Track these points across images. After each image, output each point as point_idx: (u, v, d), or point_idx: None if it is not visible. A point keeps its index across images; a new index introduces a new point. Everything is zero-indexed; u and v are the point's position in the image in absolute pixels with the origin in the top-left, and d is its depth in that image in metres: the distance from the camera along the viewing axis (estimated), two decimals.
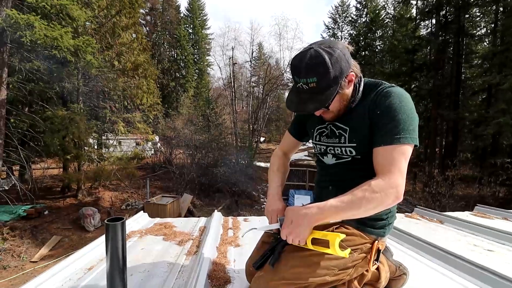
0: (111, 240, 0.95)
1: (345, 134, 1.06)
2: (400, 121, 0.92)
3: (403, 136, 0.91)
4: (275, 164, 1.35)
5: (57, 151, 9.83)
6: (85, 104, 11.38)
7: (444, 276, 1.39)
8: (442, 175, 11.68)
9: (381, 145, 0.94)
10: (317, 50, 0.92)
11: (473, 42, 17.32)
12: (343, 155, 1.08)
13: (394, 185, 0.89)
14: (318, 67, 0.91)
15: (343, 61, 0.93)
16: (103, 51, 11.33)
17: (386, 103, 0.95)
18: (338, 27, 27.91)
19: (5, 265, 6.69)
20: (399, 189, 0.89)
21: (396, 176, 0.89)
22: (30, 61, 8.93)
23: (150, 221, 2.34)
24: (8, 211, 8.64)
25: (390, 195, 0.89)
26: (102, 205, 11.26)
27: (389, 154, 0.92)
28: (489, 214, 2.77)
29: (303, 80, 0.94)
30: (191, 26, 33.78)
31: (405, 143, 0.91)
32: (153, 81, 13.86)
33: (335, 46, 0.94)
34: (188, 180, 14.00)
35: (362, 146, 1.03)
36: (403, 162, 0.91)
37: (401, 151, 0.91)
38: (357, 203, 0.89)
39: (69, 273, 1.39)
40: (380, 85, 1.02)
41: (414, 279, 1.31)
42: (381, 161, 0.94)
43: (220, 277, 1.29)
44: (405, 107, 0.94)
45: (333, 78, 0.92)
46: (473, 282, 1.32)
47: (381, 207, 0.91)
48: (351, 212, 0.91)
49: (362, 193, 0.90)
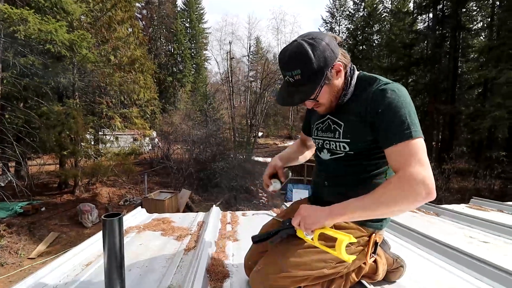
0: (108, 236, 0.95)
1: (340, 129, 1.06)
2: (404, 116, 0.89)
3: (412, 130, 0.87)
4: (293, 144, 1.52)
5: (53, 147, 9.77)
6: (81, 99, 11.27)
7: (441, 268, 1.41)
8: (438, 169, 11.76)
9: (393, 144, 0.89)
10: (300, 42, 0.92)
11: (470, 36, 17.31)
12: (337, 150, 1.08)
13: (418, 177, 0.82)
14: (300, 58, 0.91)
15: (327, 51, 0.92)
16: (99, 45, 11.20)
17: (386, 101, 0.92)
18: (336, 21, 27.77)
19: (2, 262, 6.68)
20: (426, 181, 0.82)
21: (417, 167, 0.83)
22: (25, 55, 8.80)
23: (148, 217, 2.34)
24: (4, 208, 8.60)
25: (417, 188, 0.82)
26: (100, 201, 11.24)
27: (404, 150, 0.87)
28: (485, 207, 2.79)
29: (288, 73, 0.95)
30: (188, 20, 33.46)
31: (417, 137, 0.87)
32: (150, 76, 13.74)
33: (319, 37, 0.93)
34: (186, 175, 13.99)
35: (356, 143, 1.02)
36: (422, 154, 0.86)
37: (416, 144, 0.87)
38: (380, 201, 0.87)
39: (67, 269, 1.38)
40: (376, 81, 0.99)
41: (412, 271, 1.32)
42: (398, 159, 0.89)
43: (218, 271, 1.29)
44: (405, 102, 0.92)
45: (317, 68, 0.92)
46: (470, 274, 1.33)
47: (409, 203, 0.84)
48: (376, 212, 0.88)
49: (383, 190, 0.88)
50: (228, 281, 1.25)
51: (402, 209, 0.86)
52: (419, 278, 1.28)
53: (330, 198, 1.12)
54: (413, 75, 19.03)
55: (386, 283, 1.23)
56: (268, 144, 29.59)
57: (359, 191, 1.03)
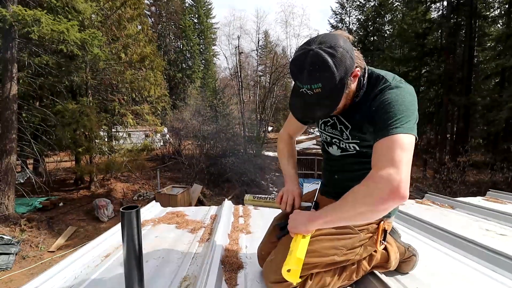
0: (126, 227, 0.98)
1: (346, 131, 1.05)
2: (394, 113, 0.86)
3: (398, 126, 0.84)
4: (285, 150, 1.35)
5: (69, 144, 10.04)
6: (94, 97, 11.51)
7: (455, 260, 1.39)
8: (453, 162, 11.49)
9: (376, 140, 0.87)
10: (318, 52, 0.83)
11: (486, 24, 16.62)
12: (348, 149, 1.09)
13: (383, 176, 0.78)
14: (322, 72, 0.83)
15: (347, 59, 0.85)
16: (109, 43, 11.36)
17: (382, 99, 0.91)
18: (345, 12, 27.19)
19: (24, 255, 6.97)
20: (390, 180, 0.77)
21: (384, 167, 0.80)
22: (39, 55, 9.03)
23: (162, 210, 2.40)
24: (24, 204, 8.94)
25: (378, 187, 0.79)
26: (115, 196, 11.53)
27: (382, 147, 0.84)
28: (502, 199, 2.73)
29: (306, 86, 0.87)
30: (196, 16, 33.42)
31: (398, 133, 0.83)
32: (160, 72, 13.87)
33: (337, 43, 0.85)
34: (197, 170, 14.15)
35: (365, 143, 1.03)
36: (397, 152, 0.80)
37: (394, 141, 0.82)
38: (347, 201, 0.87)
39: (87, 260, 1.44)
40: (382, 80, 0.96)
41: (426, 263, 1.32)
42: (374, 156, 0.87)
43: (232, 262, 1.32)
44: (403, 100, 0.89)
45: (339, 80, 0.85)
46: (486, 266, 1.32)
47: (374, 202, 0.80)
48: (345, 213, 0.87)
49: (351, 190, 0.88)
50: (242, 271, 1.27)
51: (370, 210, 0.82)
52: (434, 270, 1.28)
53: (341, 189, 1.13)
54: (427, 66, 18.48)
55: (400, 274, 1.23)
56: None
57: None
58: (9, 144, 8.06)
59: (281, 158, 1.36)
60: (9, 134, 8.06)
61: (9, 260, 6.47)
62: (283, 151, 1.35)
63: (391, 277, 1.18)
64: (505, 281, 1.19)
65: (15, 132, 8.21)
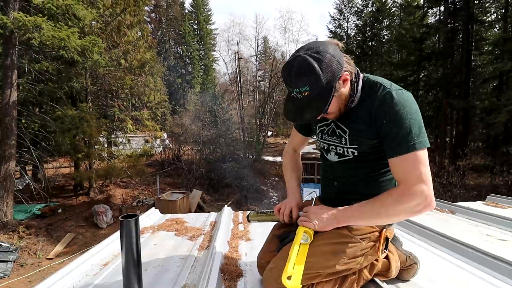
0: (125, 236, 0.98)
1: (345, 136, 1.06)
2: (409, 127, 0.91)
3: (416, 142, 0.90)
4: (289, 165, 1.41)
5: (68, 150, 10.04)
6: (94, 103, 11.55)
7: (456, 266, 1.38)
8: (453, 165, 11.48)
9: (397, 155, 0.93)
10: (305, 57, 0.89)
11: (483, 28, 16.79)
12: (345, 154, 1.09)
13: (417, 192, 0.89)
14: (308, 75, 0.88)
15: (334, 63, 0.90)
16: (109, 50, 11.43)
17: (392, 111, 0.93)
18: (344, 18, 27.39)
19: (22, 263, 6.92)
20: (424, 196, 0.89)
21: (416, 183, 0.89)
22: (39, 62, 9.08)
23: (161, 217, 2.39)
24: (23, 210, 8.90)
25: (414, 202, 0.89)
26: (114, 202, 11.48)
27: (406, 162, 0.91)
28: (502, 204, 2.72)
29: (295, 90, 0.92)
30: (195, 22, 33.70)
31: (419, 149, 0.90)
32: (160, 78, 13.96)
33: (324, 49, 0.90)
34: (197, 175, 14.13)
35: (364, 147, 1.04)
36: (422, 168, 0.90)
37: (418, 157, 0.90)
38: (380, 212, 0.94)
39: (85, 269, 1.43)
40: (380, 87, 0.98)
41: (426, 270, 1.31)
42: (399, 171, 0.94)
43: (232, 270, 1.31)
44: (411, 111, 0.92)
45: (326, 83, 0.90)
46: (486, 272, 1.31)
47: (406, 215, 0.93)
48: (376, 221, 0.98)
49: (382, 201, 0.94)
50: (242, 280, 1.26)
51: (401, 219, 0.97)
52: (434, 277, 1.27)
53: (340, 196, 1.14)
54: (425, 70, 18.60)
55: (400, 281, 1.22)
56: (278, 143, 29.54)
57: (368, 189, 1.06)
58: (8, 150, 8.05)
59: (285, 172, 1.41)
60: (9, 140, 8.06)
61: (7, 268, 6.41)
62: (287, 165, 1.41)
63: (391, 285, 1.17)
64: (506, 287, 1.19)
65: (14, 138, 8.21)
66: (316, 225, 1.01)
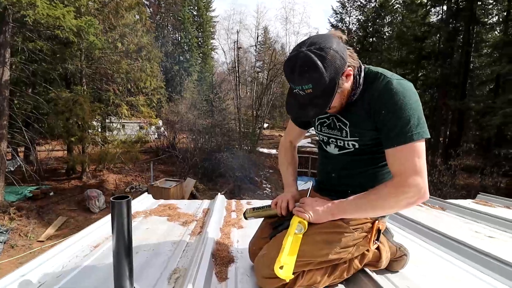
0: (117, 217, 0.96)
1: (346, 128, 1.05)
2: (408, 117, 0.89)
3: (414, 132, 0.89)
4: (285, 158, 1.39)
5: (61, 133, 9.92)
6: (89, 86, 11.34)
7: (445, 261, 1.41)
8: (445, 165, 11.64)
9: (393, 146, 0.92)
10: (308, 54, 0.86)
11: (484, 30, 16.79)
12: (346, 147, 1.09)
13: (411, 185, 0.89)
14: (311, 73, 0.86)
15: (337, 59, 0.88)
16: (106, 32, 11.17)
17: (391, 101, 0.91)
18: (346, 12, 27.14)
19: (12, 244, 6.89)
20: (418, 188, 0.89)
21: (410, 175, 0.89)
22: (33, 41, 8.85)
23: (154, 202, 2.37)
24: (14, 192, 8.81)
25: (408, 194, 0.90)
26: (107, 187, 11.43)
27: (402, 154, 0.91)
28: (491, 202, 2.77)
29: (298, 87, 0.91)
30: (195, 8, 33.03)
31: (416, 140, 0.89)
32: (157, 64, 13.73)
33: (327, 44, 0.87)
34: (191, 164, 14.11)
35: (365, 140, 1.03)
36: (416, 160, 0.89)
37: (414, 148, 0.89)
38: (375, 205, 0.95)
39: (75, 249, 1.42)
40: (380, 78, 0.97)
41: (416, 263, 1.32)
42: (394, 163, 0.94)
43: (224, 256, 1.31)
44: (410, 101, 0.91)
45: (329, 81, 0.88)
46: (475, 267, 1.33)
47: (400, 206, 0.94)
48: (371, 213, 0.99)
49: (377, 194, 0.94)
50: (233, 265, 1.26)
51: (396, 211, 1.01)
52: (424, 270, 1.29)
53: (339, 187, 1.14)
54: (424, 69, 18.63)
55: (390, 272, 1.23)
56: (274, 135, 29.54)
57: (367, 180, 1.05)
58: (0, 131, 7.91)
59: (281, 165, 1.39)
60: (0, 121, 7.91)
61: None
62: (283, 159, 1.39)
63: (381, 276, 1.18)
64: (494, 282, 1.21)
65: (6, 119, 8.06)
66: (311, 218, 1.01)
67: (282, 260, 0.90)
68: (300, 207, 1.05)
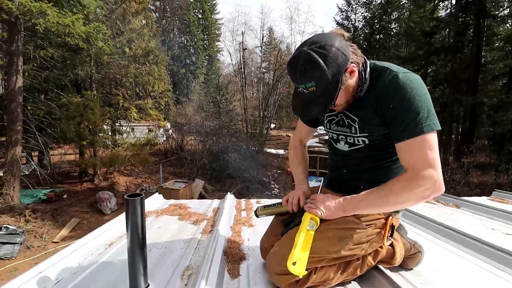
0: (131, 214, 0.98)
1: (355, 125, 1.05)
2: (417, 110, 0.88)
3: (424, 125, 0.88)
4: (295, 156, 1.37)
5: (73, 137, 10.12)
6: (98, 91, 11.54)
7: (460, 258, 1.38)
8: (458, 162, 11.42)
9: (404, 140, 0.91)
10: (309, 53, 0.87)
11: (495, 23, 16.36)
12: (356, 143, 1.08)
13: (425, 177, 0.87)
14: (313, 72, 0.87)
15: (339, 57, 0.88)
16: (114, 37, 11.36)
17: (399, 94, 0.91)
18: (352, 9, 26.89)
19: (28, 245, 7.05)
20: (433, 180, 0.87)
21: (423, 168, 0.87)
22: (44, 48, 9.06)
23: (165, 202, 2.40)
24: (29, 195, 9.03)
25: (422, 188, 0.87)
26: (118, 189, 11.61)
27: (413, 147, 0.89)
28: (507, 200, 2.70)
29: (302, 85, 0.92)
30: (200, 11, 33.31)
31: (427, 132, 0.88)
32: (164, 67, 13.87)
33: (329, 42, 0.88)
34: (199, 166, 14.19)
35: (374, 135, 1.03)
36: (429, 152, 0.88)
37: (426, 141, 0.88)
38: (388, 200, 0.93)
39: (90, 248, 1.45)
40: (387, 72, 0.96)
41: (430, 260, 1.30)
42: (405, 156, 0.93)
43: (235, 253, 1.32)
44: (418, 94, 0.90)
45: (331, 78, 0.89)
46: (492, 264, 1.30)
47: (414, 200, 0.91)
48: (384, 208, 0.97)
49: (390, 189, 0.93)
50: (245, 263, 1.27)
51: (410, 205, 0.98)
52: (438, 267, 1.27)
53: (350, 183, 1.13)
54: (433, 65, 18.29)
55: (404, 269, 1.22)
56: (281, 136, 29.45)
57: (379, 176, 1.04)
58: (15, 136, 8.13)
59: (291, 164, 1.39)
60: (15, 126, 8.12)
61: (14, 250, 6.55)
62: (293, 157, 1.38)
63: (395, 272, 1.17)
64: (511, 279, 1.18)
65: (20, 124, 8.27)
66: (323, 214, 1.00)
67: (295, 256, 0.90)
68: (311, 203, 1.05)
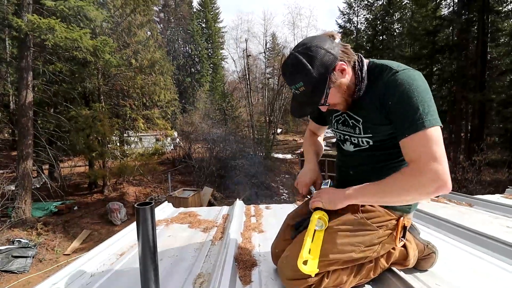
0: (141, 223, 0.99)
1: (359, 125, 1.05)
2: (416, 105, 0.87)
3: (425, 120, 0.86)
4: (307, 140, 1.44)
5: (83, 149, 10.27)
6: (106, 103, 11.75)
7: (476, 257, 1.35)
8: (468, 160, 11.17)
9: (405, 136, 0.90)
10: (295, 55, 0.93)
11: (499, 19, 16.15)
12: (361, 144, 1.09)
13: (428, 171, 0.84)
14: (299, 72, 0.92)
15: (324, 55, 0.91)
16: (120, 50, 11.60)
17: (397, 92, 0.90)
18: (353, 12, 26.91)
19: (41, 258, 7.13)
20: (437, 175, 0.83)
21: (427, 161, 0.85)
22: (53, 63, 9.29)
23: (174, 211, 2.41)
24: (40, 208, 9.16)
25: (425, 182, 0.85)
26: (127, 199, 11.70)
27: (416, 142, 0.88)
28: None
29: (293, 86, 0.97)
30: (203, 21, 33.79)
31: (429, 127, 0.86)
32: (170, 77, 14.10)
33: (314, 43, 0.92)
34: (207, 173, 14.23)
35: (378, 136, 1.03)
36: (432, 146, 0.85)
37: (428, 135, 0.86)
38: (391, 191, 0.92)
39: (102, 258, 1.46)
40: (387, 70, 0.96)
41: (445, 260, 1.28)
42: (409, 151, 0.91)
43: (246, 260, 1.31)
44: (418, 89, 0.89)
45: (318, 76, 0.91)
46: (508, 262, 1.27)
47: (417, 194, 0.88)
48: (387, 199, 0.95)
49: (395, 181, 0.92)
50: (257, 269, 1.26)
51: (414, 199, 0.92)
52: (454, 267, 1.24)
53: (356, 183, 1.12)
54: (438, 63, 18.10)
55: (419, 271, 1.19)
56: (288, 140, 29.39)
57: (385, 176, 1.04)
58: (26, 150, 8.30)
59: (304, 148, 1.44)
60: (25, 140, 8.30)
61: (26, 263, 6.62)
62: (306, 143, 1.44)
63: (409, 274, 1.14)
64: None
65: (31, 138, 8.45)
66: (326, 204, 1.02)
67: (304, 255, 0.90)
68: (316, 196, 1.07)
